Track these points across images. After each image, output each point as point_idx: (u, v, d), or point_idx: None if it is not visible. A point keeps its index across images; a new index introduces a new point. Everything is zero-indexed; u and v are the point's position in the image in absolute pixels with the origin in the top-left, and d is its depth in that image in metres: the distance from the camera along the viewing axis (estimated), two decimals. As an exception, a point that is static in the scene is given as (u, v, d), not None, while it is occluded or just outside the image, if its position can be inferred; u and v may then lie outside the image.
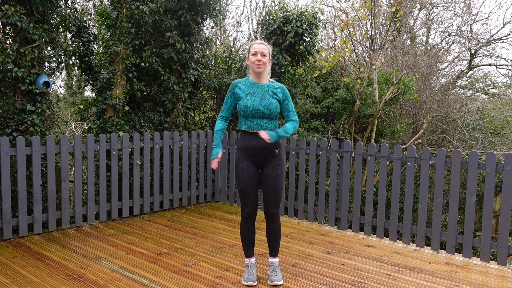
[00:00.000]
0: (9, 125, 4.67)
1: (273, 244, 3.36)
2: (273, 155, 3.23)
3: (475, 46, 12.46)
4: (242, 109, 3.16)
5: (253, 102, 3.13)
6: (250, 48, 3.18)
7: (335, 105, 8.90)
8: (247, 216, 3.27)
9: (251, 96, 3.16)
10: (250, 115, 3.14)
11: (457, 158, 4.09)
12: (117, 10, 5.52)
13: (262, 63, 3.13)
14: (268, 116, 3.16)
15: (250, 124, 3.17)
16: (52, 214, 4.50)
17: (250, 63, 3.17)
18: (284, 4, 6.42)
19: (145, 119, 5.96)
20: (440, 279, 3.50)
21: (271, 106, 3.15)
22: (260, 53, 3.12)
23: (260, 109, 3.13)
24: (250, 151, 3.20)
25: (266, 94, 3.18)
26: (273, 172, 3.23)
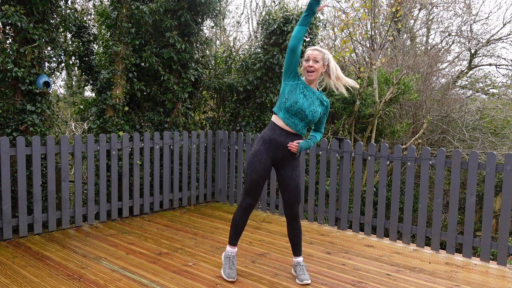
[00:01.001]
0: (9, 125, 4.67)
1: (297, 244, 3.40)
2: (293, 157, 3.27)
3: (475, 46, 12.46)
4: (290, 103, 3.13)
5: (303, 103, 3.13)
6: (305, 53, 3.20)
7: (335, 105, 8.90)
8: (247, 207, 3.30)
9: (304, 96, 3.16)
10: (294, 112, 3.14)
11: (457, 158, 4.09)
12: (117, 10, 5.52)
13: (314, 69, 3.14)
14: (308, 122, 3.19)
15: (288, 120, 3.17)
16: (52, 214, 4.50)
17: (303, 68, 3.19)
18: (284, 4, 6.42)
19: (145, 119, 5.96)
20: (440, 279, 3.50)
21: (315, 114, 3.18)
22: (313, 59, 3.14)
23: (305, 112, 3.14)
24: (275, 146, 3.21)
25: (315, 101, 3.20)
26: (293, 173, 3.26)
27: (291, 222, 3.34)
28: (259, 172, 3.22)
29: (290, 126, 3.18)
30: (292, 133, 3.21)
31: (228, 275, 3.33)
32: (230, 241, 3.42)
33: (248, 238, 4.47)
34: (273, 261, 3.80)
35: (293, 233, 3.37)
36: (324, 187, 5.02)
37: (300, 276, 3.34)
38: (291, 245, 3.44)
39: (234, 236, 3.40)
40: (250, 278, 3.42)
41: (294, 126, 3.18)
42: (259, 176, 3.22)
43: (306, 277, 3.32)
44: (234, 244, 3.42)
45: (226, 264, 3.39)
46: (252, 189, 3.26)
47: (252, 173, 3.24)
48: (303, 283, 3.30)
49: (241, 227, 3.38)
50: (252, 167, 3.24)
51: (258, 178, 3.22)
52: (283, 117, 3.17)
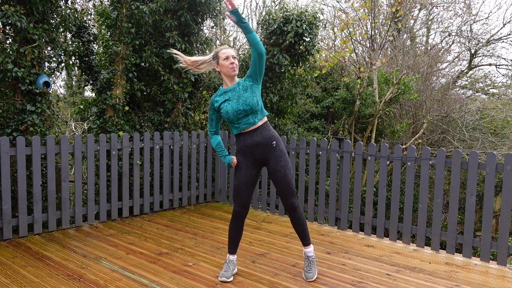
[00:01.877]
0: (9, 125, 4.67)
1: (301, 234, 3.41)
2: (270, 148, 3.27)
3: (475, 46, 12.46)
4: (225, 117, 3.21)
5: (231, 106, 3.18)
6: (219, 54, 3.21)
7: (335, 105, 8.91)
8: (235, 214, 3.35)
9: (228, 102, 3.21)
10: (235, 118, 3.19)
11: (457, 158, 4.09)
12: (117, 10, 5.53)
13: (236, 65, 3.19)
14: (251, 110, 3.18)
15: (239, 126, 3.22)
16: (52, 214, 4.50)
17: (224, 68, 3.19)
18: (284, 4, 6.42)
19: (145, 119, 5.96)
20: (440, 279, 3.50)
21: (248, 100, 3.17)
22: (232, 56, 3.18)
23: (240, 109, 3.17)
24: (248, 149, 3.26)
25: (239, 92, 3.21)
26: (278, 165, 3.26)
27: (291, 213, 3.36)
28: (240, 178, 3.28)
29: (245, 128, 3.22)
30: (252, 130, 3.22)
31: (220, 274, 3.37)
32: (228, 249, 3.47)
33: (248, 238, 4.47)
34: (273, 261, 3.80)
35: (296, 224, 3.38)
36: (324, 187, 5.02)
37: (305, 273, 3.39)
38: (298, 236, 3.47)
39: (230, 244, 3.45)
40: (250, 278, 3.42)
41: (246, 125, 3.21)
42: (239, 182, 3.27)
43: (311, 275, 3.35)
44: (231, 253, 3.46)
45: (223, 268, 3.44)
46: (235, 196, 3.32)
47: (234, 180, 3.33)
48: (308, 281, 3.35)
49: (235, 236, 3.41)
50: (234, 176, 3.34)
51: (239, 184, 3.27)
52: (236, 129, 3.25)
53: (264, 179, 5.54)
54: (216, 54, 3.24)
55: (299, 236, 3.43)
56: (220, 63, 3.21)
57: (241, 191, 3.28)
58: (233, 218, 3.37)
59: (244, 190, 3.28)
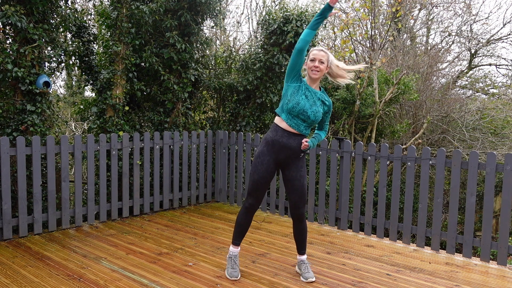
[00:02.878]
0: (9, 125, 4.67)
1: (301, 243, 3.43)
2: (297, 157, 3.28)
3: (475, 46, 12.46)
4: (292, 104, 3.15)
5: (305, 104, 3.15)
6: (310, 53, 3.20)
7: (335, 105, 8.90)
8: (249, 207, 3.33)
9: (306, 97, 3.17)
10: (296, 114, 3.16)
11: (457, 158, 4.09)
12: (117, 10, 5.52)
13: (319, 70, 3.16)
14: (311, 122, 3.20)
15: (291, 122, 3.19)
16: (52, 214, 4.50)
17: (307, 67, 3.20)
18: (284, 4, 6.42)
19: (145, 119, 5.96)
20: (440, 279, 3.50)
21: (317, 115, 3.19)
22: (318, 60, 3.15)
23: (307, 113, 3.15)
24: (278, 147, 3.23)
25: (317, 101, 3.21)
26: (298, 174, 3.28)
27: (297, 222, 3.38)
28: (261, 173, 3.24)
29: (292, 127, 3.19)
30: (295, 134, 3.22)
31: (230, 274, 3.36)
32: (233, 241, 3.45)
33: (248, 238, 4.47)
34: (273, 261, 3.81)
35: (299, 233, 3.41)
36: (324, 187, 5.02)
37: (304, 274, 3.38)
38: (296, 244, 3.48)
39: (237, 235, 3.42)
40: (250, 278, 3.42)
41: (296, 127, 3.19)
42: (260, 177, 3.24)
43: (311, 275, 3.36)
44: (236, 244, 3.44)
45: (229, 264, 3.43)
46: (253, 190, 3.28)
47: (254, 174, 3.27)
48: (307, 281, 3.34)
49: (244, 227, 3.40)
50: (255, 167, 3.27)
51: (260, 179, 3.25)
52: (285, 119, 3.19)
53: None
54: (309, 52, 3.22)
55: (298, 245, 3.45)
56: (307, 61, 3.20)
57: (260, 186, 3.27)
58: (245, 210, 3.35)
59: (264, 186, 3.27)
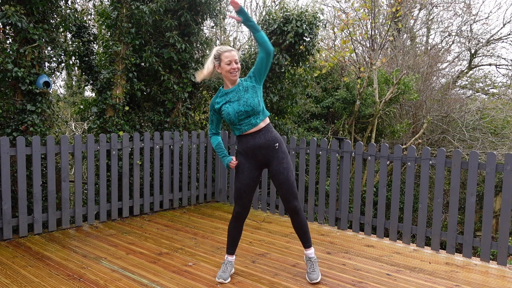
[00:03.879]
0: (9, 125, 4.67)
1: (303, 237, 3.39)
2: (273, 151, 3.25)
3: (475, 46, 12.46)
4: (227, 118, 3.19)
5: (233, 108, 3.15)
6: (221, 56, 3.13)
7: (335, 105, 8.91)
8: (236, 215, 3.34)
9: (229, 103, 3.18)
10: (236, 120, 3.16)
11: (457, 158, 4.09)
12: (117, 10, 5.52)
13: (237, 69, 3.16)
14: (252, 111, 3.14)
15: (241, 128, 3.20)
16: (52, 214, 4.50)
17: (225, 72, 3.15)
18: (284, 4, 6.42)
19: (145, 119, 5.96)
20: (440, 279, 3.50)
21: (249, 101, 3.14)
22: (234, 61, 3.14)
23: (241, 110, 3.14)
24: (250, 151, 3.23)
25: (240, 93, 3.18)
26: (280, 167, 3.24)
27: (293, 216, 3.34)
28: (242, 181, 3.26)
29: (247, 129, 3.19)
30: (254, 132, 3.20)
31: (219, 276, 3.35)
32: (227, 250, 3.45)
33: (248, 238, 4.47)
34: (273, 261, 3.80)
35: (298, 227, 3.37)
36: (324, 187, 5.02)
37: (309, 274, 3.36)
38: (299, 238, 3.46)
39: (229, 245, 3.44)
40: (250, 278, 3.42)
41: (248, 126, 3.18)
42: (242, 184, 3.26)
43: (315, 276, 3.32)
44: (231, 253, 3.45)
45: (221, 269, 3.43)
46: (237, 197, 3.30)
47: (236, 182, 3.30)
48: (312, 282, 3.31)
49: (235, 236, 3.40)
50: (236, 176, 3.31)
51: (242, 186, 3.26)
52: (236, 129, 3.23)
53: (264, 179, 5.54)
54: (219, 56, 3.16)
55: (300, 239, 3.42)
56: (222, 65, 3.15)
57: (244, 193, 3.27)
58: (233, 218, 3.37)
59: (247, 193, 3.27)
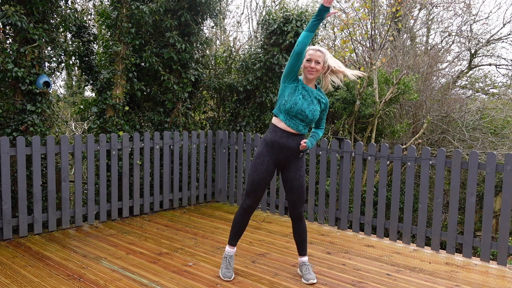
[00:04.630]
0: (9, 125, 4.67)
1: (302, 244, 3.42)
2: (296, 157, 3.29)
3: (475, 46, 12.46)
4: (289, 104, 3.14)
5: (302, 103, 3.15)
6: (306, 53, 3.16)
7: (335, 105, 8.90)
8: (247, 208, 3.32)
9: (303, 97, 3.17)
10: (294, 113, 3.15)
11: (457, 158, 4.09)
12: (117, 10, 5.52)
13: (315, 70, 3.15)
14: (309, 121, 3.20)
15: (290, 121, 3.18)
16: (52, 214, 4.50)
17: (304, 67, 3.18)
18: (284, 4, 6.42)
19: (145, 119, 5.96)
20: (440, 279, 3.50)
21: (315, 113, 3.19)
22: (315, 61, 3.14)
23: (305, 113, 3.15)
24: (277, 148, 3.23)
25: (314, 100, 3.21)
26: (297, 174, 3.29)
27: (296, 222, 3.37)
28: (260, 174, 3.24)
29: (291, 127, 3.19)
30: (294, 134, 3.21)
31: (224, 275, 3.35)
32: (230, 241, 3.44)
33: (248, 238, 4.47)
34: (273, 261, 3.81)
35: (298, 233, 3.40)
36: (324, 187, 5.02)
37: (306, 275, 3.36)
38: (296, 245, 3.47)
39: (233, 236, 3.42)
40: (250, 278, 3.42)
41: (295, 127, 3.19)
42: (260, 177, 3.24)
43: (312, 277, 3.34)
44: (233, 244, 3.44)
45: (223, 264, 3.43)
46: (252, 190, 3.27)
47: (253, 174, 3.26)
48: (308, 283, 3.32)
49: (241, 228, 3.39)
50: (254, 168, 3.26)
51: (259, 180, 3.24)
52: (284, 119, 3.19)
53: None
54: (306, 51, 3.17)
55: (298, 245, 3.43)
56: (304, 62, 3.17)
57: (259, 187, 3.26)
58: (243, 210, 3.33)
59: (262, 186, 3.27)
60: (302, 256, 3.46)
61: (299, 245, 3.44)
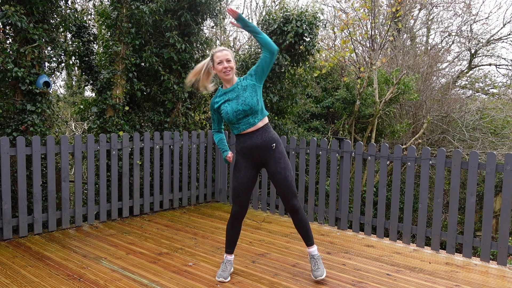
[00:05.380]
0: (9, 125, 4.67)
1: (304, 235, 3.40)
2: (270, 151, 3.26)
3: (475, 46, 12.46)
4: (225, 118, 3.21)
5: (231, 107, 3.17)
6: (213, 57, 3.19)
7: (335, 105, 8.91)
8: (234, 214, 3.37)
9: (228, 102, 3.20)
10: (235, 119, 3.18)
11: (457, 158, 4.09)
12: (117, 10, 5.52)
13: (230, 68, 3.17)
14: (250, 110, 3.15)
15: (239, 127, 3.21)
16: (52, 214, 4.50)
17: (218, 72, 3.20)
18: (284, 4, 6.42)
19: (145, 119, 5.96)
20: (440, 279, 3.50)
21: (247, 100, 3.15)
22: (225, 60, 3.15)
23: (239, 109, 3.15)
24: (247, 151, 3.26)
25: (239, 91, 3.20)
26: (277, 167, 3.26)
27: (293, 215, 3.36)
28: (239, 180, 3.29)
29: (245, 128, 3.21)
30: (252, 132, 3.21)
31: (219, 275, 3.36)
32: (226, 249, 3.47)
33: (248, 238, 4.47)
34: (273, 261, 3.81)
35: (299, 225, 3.38)
36: (324, 187, 5.02)
37: (313, 272, 3.36)
38: (301, 237, 3.48)
39: (228, 244, 3.45)
40: (250, 278, 3.42)
41: (246, 126, 3.20)
42: (239, 183, 3.29)
43: (320, 273, 3.32)
44: (229, 252, 3.46)
45: (220, 268, 3.44)
46: (235, 197, 3.34)
47: (233, 181, 3.34)
48: (317, 279, 3.32)
49: (234, 236, 3.42)
50: (233, 176, 3.35)
51: (238, 186, 3.29)
52: (234, 129, 3.25)
53: (264, 179, 5.54)
54: (212, 56, 3.22)
55: (302, 237, 3.43)
56: (215, 66, 3.19)
57: (241, 192, 3.30)
58: (232, 218, 3.38)
59: (244, 192, 3.30)
60: (309, 246, 3.41)
61: (303, 236, 3.42)
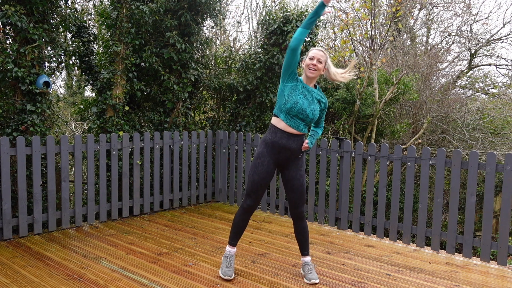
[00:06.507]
0: (9, 125, 4.67)
1: (304, 243, 3.43)
2: (296, 157, 3.30)
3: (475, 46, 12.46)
4: (290, 104, 3.14)
5: (303, 103, 3.16)
6: (309, 52, 3.22)
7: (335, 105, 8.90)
8: (247, 208, 3.33)
9: (304, 96, 3.18)
10: (295, 113, 3.16)
11: (457, 158, 4.09)
12: (117, 10, 5.52)
13: (316, 69, 3.17)
14: (310, 121, 3.22)
15: (290, 122, 3.19)
16: (52, 214, 4.50)
17: (305, 65, 3.21)
18: (284, 4, 6.42)
19: (145, 119, 5.96)
20: (440, 279, 3.50)
21: (315, 113, 3.21)
22: (317, 59, 3.16)
23: (306, 112, 3.16)
24: (277, 148, 3.24)
25: (314, 99, 3.22)
26: (298, 174, 3.30)
27: (297, 221, 3.38)
28: (261, 174, 3.24)
29: (292, 127, 3.19)
30: (294, 134, 3.22)
31: (224, 273, 3.35)
32: (230, 241, 3.44)
33: (248, 238, 4.47)
34: (273, 261, 3.81)
35: (300, 233, 3.40)
36: (324, 187, 5.02)
37: (308, 275, 3.36)
38: (298, 245, 3.48)
39: (233, 236, 3.42)
40: (250, 278, 3.42)
41: (296, 126, 3.19)
42: (260, 178, 3.24)
43: (314, 277, 3.34)
44: (233, 244, 3.44)
45: (224, 263, 3.42)
46: (252, 191, 3.28)
47: (253, 174, 3.27)
48: (310, 282, 3.32)
49: (241, 228, 3.40)
50: (254, 168, 3.27)
51: (260, 180, 3.25)
52: (284, 119, 3.19)
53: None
54: (308, 51, 3.26)
55: (300, 245, 3.44)
56: (305, 59, 3.22)
57: (260, 187, 3.27)
58: (243, 210, 3.34)
59: (263, 187, 3.28)
60: (304, 256, 3.46)
61: (301, 244, 3.44)
